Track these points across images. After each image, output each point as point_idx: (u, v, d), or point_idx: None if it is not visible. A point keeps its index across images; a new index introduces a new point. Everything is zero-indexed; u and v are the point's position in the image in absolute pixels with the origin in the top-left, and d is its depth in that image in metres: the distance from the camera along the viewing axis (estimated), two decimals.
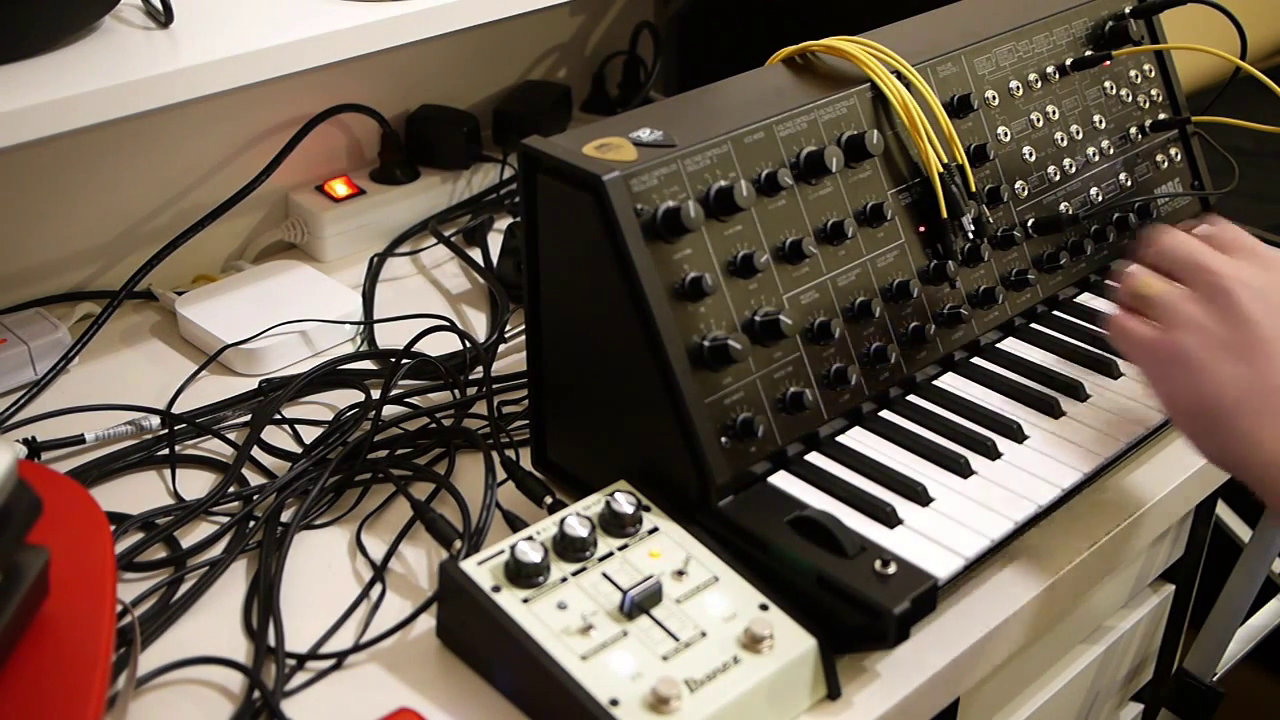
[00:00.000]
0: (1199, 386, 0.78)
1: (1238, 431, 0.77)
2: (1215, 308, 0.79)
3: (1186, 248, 0.83)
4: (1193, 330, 0.79)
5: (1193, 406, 0.79)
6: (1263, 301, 0.79)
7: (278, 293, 1.12)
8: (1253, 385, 0.77)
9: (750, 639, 0.73)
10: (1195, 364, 0.79)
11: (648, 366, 0.80)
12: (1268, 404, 0.76)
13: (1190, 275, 0.82)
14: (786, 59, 0.97)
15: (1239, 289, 0.79)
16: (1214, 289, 0.80)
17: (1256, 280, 0.80)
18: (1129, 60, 1.12)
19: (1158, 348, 0.81)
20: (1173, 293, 0.82)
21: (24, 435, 0.96)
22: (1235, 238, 0.85)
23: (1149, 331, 0.82)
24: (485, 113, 1.37)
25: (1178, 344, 0.80)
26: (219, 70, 0.96)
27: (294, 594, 0.83)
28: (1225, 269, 0.80)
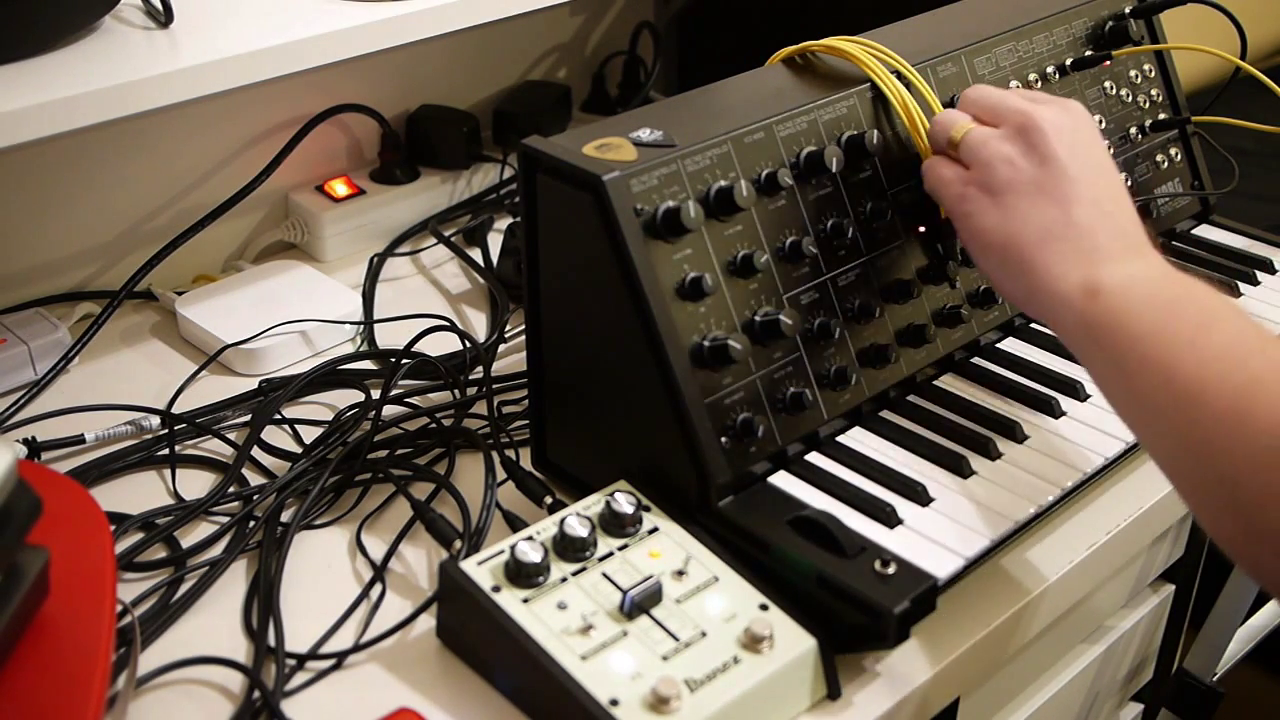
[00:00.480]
0: (1005, 222, 0.81)
1: (1037, 266, 0.79)
2: (1024, 145, 0.82)
3: (996, 93, 0.87)
4: (1001, 166, 0.82)
5: (997, 240, 0.81)
6: (1069, 141, 0.82)
7: (278, 293, 1.12)
8: (1056, 221, 0.79)
9: (750, 639, 0.73)
10: (1002, 200, 0.81)
11: (648, 366, 0.80)
12: (1068, 240, 0.79)
13: (1000, 115, 0.85)
14: (786, 59, 0.97)
15: (1048, 127, 0.82)
16: (1023, 127, 0.82)
17: (1062, 121, 0.83)
18: (1129, 60, 1.12)
19: (967, 183, 0.84)
20: (982, 130, 0.85)
21: (24, 435, 0.96)
22: (1036, 94, 0.89)
23: (959, 170, 0.85)
24: (485, 113, 1.37)
25: (987, 180, 0.82)
26: (219, 70, 0.96)
27: (294, 594, 0.83)
28: (1033, 109, 0.83)
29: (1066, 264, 0.78)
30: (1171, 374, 0.71)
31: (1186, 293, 0.75)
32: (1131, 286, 0.76)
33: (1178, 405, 0.71)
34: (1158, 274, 0.77)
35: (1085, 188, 0.80)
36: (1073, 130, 0.83)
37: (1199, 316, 0.73)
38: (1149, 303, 0.75)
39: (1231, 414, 0.69)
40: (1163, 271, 0.77)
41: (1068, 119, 0.83)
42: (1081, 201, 0.80)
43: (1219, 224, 1.17)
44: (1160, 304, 0.74)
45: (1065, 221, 0.79)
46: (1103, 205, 0.80)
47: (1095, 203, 0.80)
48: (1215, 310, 0.74)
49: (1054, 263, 0.78)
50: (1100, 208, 0.80)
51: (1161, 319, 0.73)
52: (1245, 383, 0.69)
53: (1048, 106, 0.84)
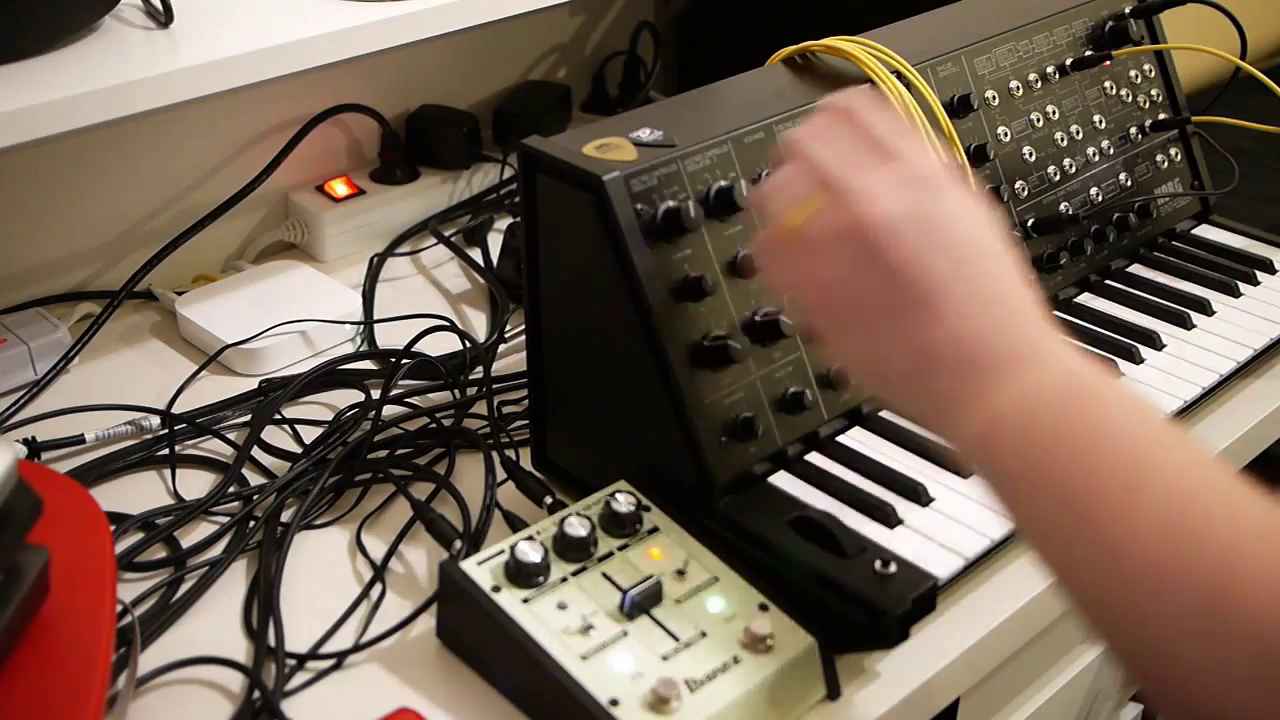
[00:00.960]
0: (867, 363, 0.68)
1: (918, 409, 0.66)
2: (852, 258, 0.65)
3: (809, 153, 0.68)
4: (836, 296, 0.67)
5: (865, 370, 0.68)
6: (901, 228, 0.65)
7: (278, 293, 1.12)
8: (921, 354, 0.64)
9: (750, 639, 0.73)
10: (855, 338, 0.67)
11: (648, 366, 0.80)
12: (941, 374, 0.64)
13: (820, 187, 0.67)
14: (786, 59, 0.97)
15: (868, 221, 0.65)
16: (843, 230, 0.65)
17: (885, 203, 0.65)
18: (1129, 60, 1.12)
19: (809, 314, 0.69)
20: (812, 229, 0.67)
21: (24, 435, 0.96)
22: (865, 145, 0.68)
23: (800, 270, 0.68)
24: (485, 113, 1.37)
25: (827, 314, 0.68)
26: (219, 70, 0.96)
27: (294, 594, 0.83)
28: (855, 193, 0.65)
29: (950, 401, 0.64)
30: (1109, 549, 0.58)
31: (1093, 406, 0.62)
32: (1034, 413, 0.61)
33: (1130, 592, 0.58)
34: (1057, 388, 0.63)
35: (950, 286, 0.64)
36: (905, 207, 0.65)
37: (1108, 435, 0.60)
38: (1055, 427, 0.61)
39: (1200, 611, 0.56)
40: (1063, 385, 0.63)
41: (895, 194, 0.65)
42: (947, 319, 0.63)
43: (1219, 224, 1.17)
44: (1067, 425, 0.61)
45: (933, 352, 0.64)
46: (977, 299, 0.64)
47: (967, 300, 0.64)
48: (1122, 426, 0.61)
49: (933, 399, 0.64)
50: (975, 304, 0.64)
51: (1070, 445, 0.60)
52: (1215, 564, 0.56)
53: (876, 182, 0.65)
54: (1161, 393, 0.95)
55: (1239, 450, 0.97)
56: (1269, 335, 1.02)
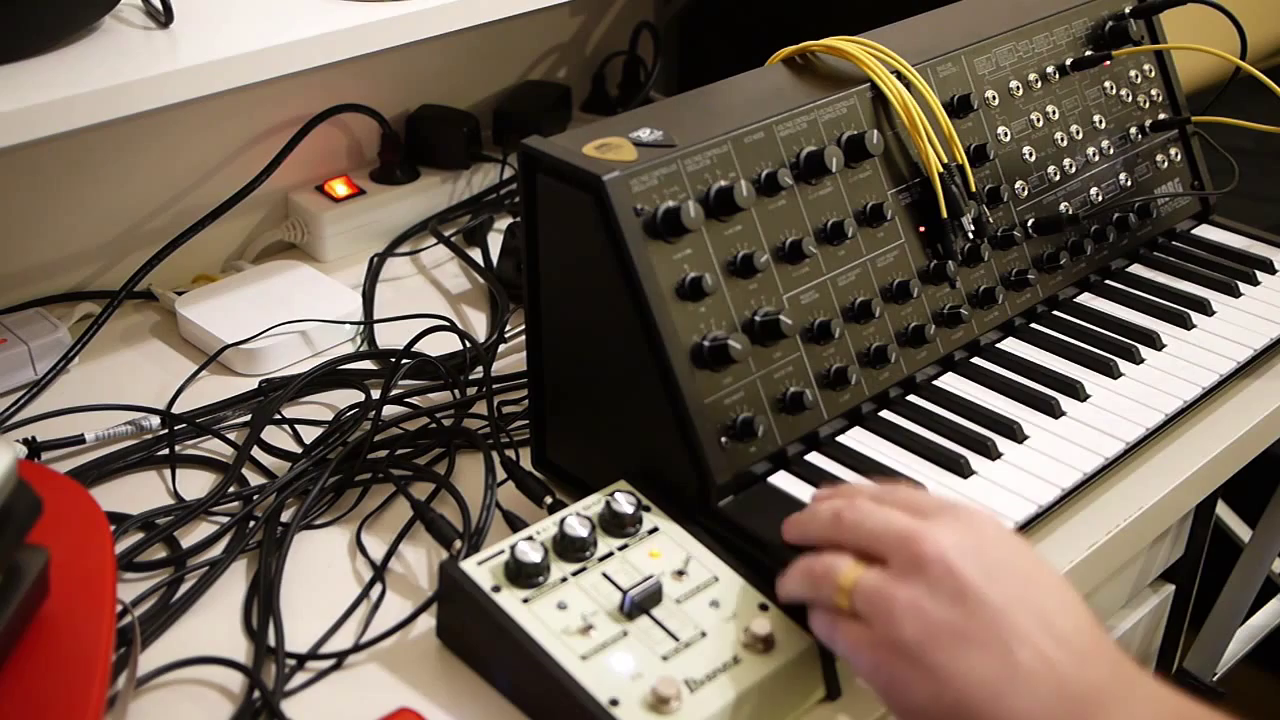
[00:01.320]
0: (939, 690, 0.63)
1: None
2: (927, 589, 0.65)
3: (872, 517, 0.69)
4: (908, 621, 0.65)
5: (940, 713, 0.64)
6: (979, 566, 0.65)
7: (278, 293, 1.12)
8: (1000, 673, 0.62)
9: (750, 639, 0.73)
10: (924, 661, 0.64)
11: (648, 366, 0.80)
12: (1026, 692, 0.62)
13: (882, 547, 0.68)
14: (786, 59, 0.97)
15: (947, 553, 0.65)
16: (916, 561, 0.66)
17: (961, 538, 0.66)
18: (1129, 60, 1.12)
19: (876, 647, 0.66)
20: (871, 577, 0.67)
21: (24, 435, 0.96)
22: (915, 497, 0.71)
23: (862, 630, 0.67)
24: (485, 113, 1.37)
25: (896, 639, 0.65)
26: (219, 70, 0.96)
27: (294, 594, 0.83)
28: (921, 532, 0.66)
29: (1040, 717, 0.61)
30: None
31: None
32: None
33: None
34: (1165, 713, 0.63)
35: (1021, 614, 0.63)
36: (977, 546, 0.66)
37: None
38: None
39: None
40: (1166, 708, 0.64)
41: (967, 533, 0.66)
42: (1022, 635, 0.63)
43: (1219, 224, 1.17)
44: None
45: (1012, 669, 0.62)
46: (1054, 628, 0.63)
47: (1043, 629, 0.63)
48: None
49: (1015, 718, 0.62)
50: (1052, 634, 0.63)
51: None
52: None
53: (938, 524, 0.67)
54: (1162, 393, 0.95)
55: (1239, 450, 0.97)
56: (1269, 335, 1.02)
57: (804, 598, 0.72)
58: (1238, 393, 1.00)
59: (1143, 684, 0.64)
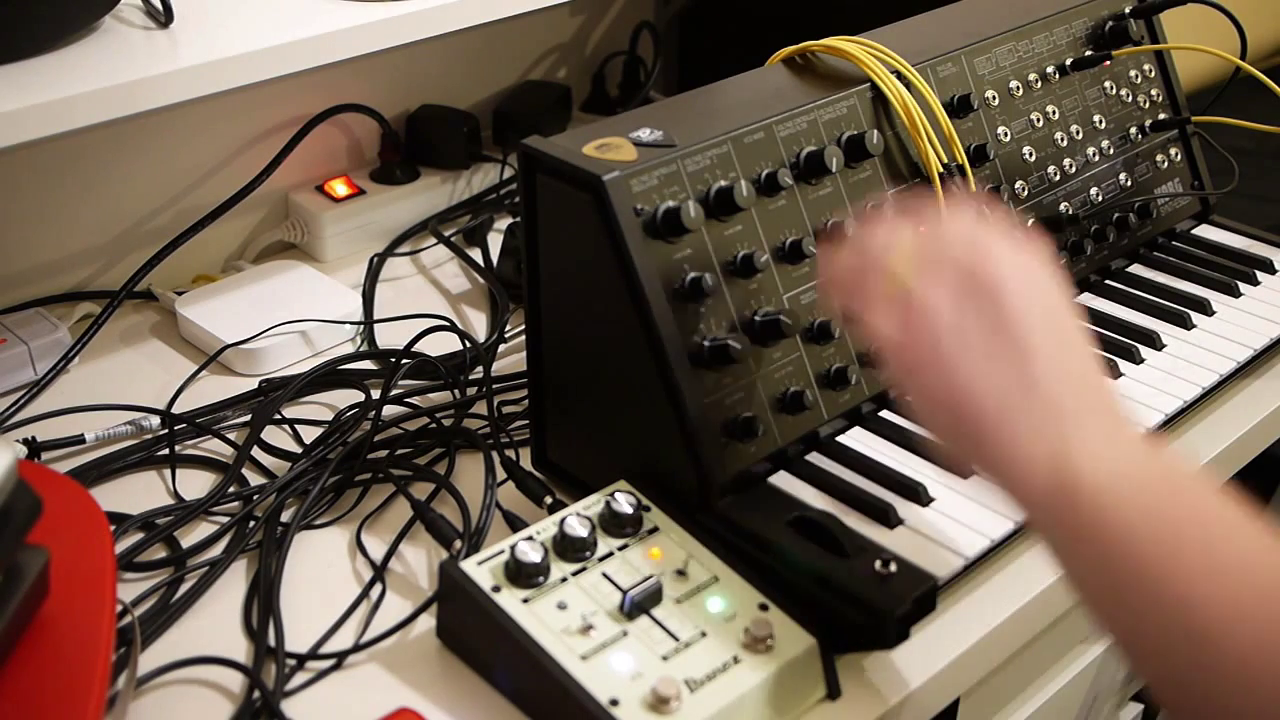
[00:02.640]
0: (953, 383, 0.68)
1: (996, 439, 0.67)
2: (976, 304, 0.69)
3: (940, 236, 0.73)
4: (947, 317, 0.69)
5: (946, 403, 0.69)
6: (1025, 292, 0.69)
7: (278, 293, 1.12)
8: (1014, 387, 0.67)
9: (750, 639, 0.73)
10: (948, 356, 0.69)
11: (648, 366, 0.80)
12: (1031, 412, 0.66)
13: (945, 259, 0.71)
14: (786, 59, 0.97)
15: (1001, 281, 0.69)
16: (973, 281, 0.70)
17: (1017, 268, 0.70)
18: (1129, 60, 1.12)
19: (910, 340, 0.71)
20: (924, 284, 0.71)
21: (24, 435, 0.96)
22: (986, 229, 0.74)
23: (899, 319, 0.71)
24: (485, 113, 1.37)
25: (935, 339, 0.69)
26: (219, 70, 0.96)
27: (294, 594, 0.83)
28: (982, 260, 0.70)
29: (1032, 441, 0.66)
30: (1185, 602, 0.60)
31: (1182, 489, 0.64)
32: (1115, 468, 0.64)
33: (1191, 639, 0.60)
34: (1143, 460, 0.65)
35: (1048, 348, 0.68)
36: (1027, 279, 0.70)
37: (1203, 523, 0.63)
38: (1141, 501, 0.63)
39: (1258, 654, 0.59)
40: (1147, 456, 0.65)
41: (1022, 267, 0.71)
42: (1044, 363, 0.67)
43: (1219, 224, 1.17)
44: (1155, 502, 0.63)
45: (1026, 387, 0.67)
46: (1069, 369, 0.68)
47: (1060, 365, 0.68)
48: (1218, 514, 0.63)
49: (1016, 438, 0.66)
50: (1066, 371, 0.68)
51: (1160, 526, 0.62)
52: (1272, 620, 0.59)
53: (998, 255, 0.71)
54: (1162, 393, 0.95)
55: (1239, 450, 0.97)
56: (1269, 335, 1.02)
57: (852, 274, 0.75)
58: (1238, 393, 1.00)
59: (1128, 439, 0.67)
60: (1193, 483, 0.65)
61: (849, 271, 0.75)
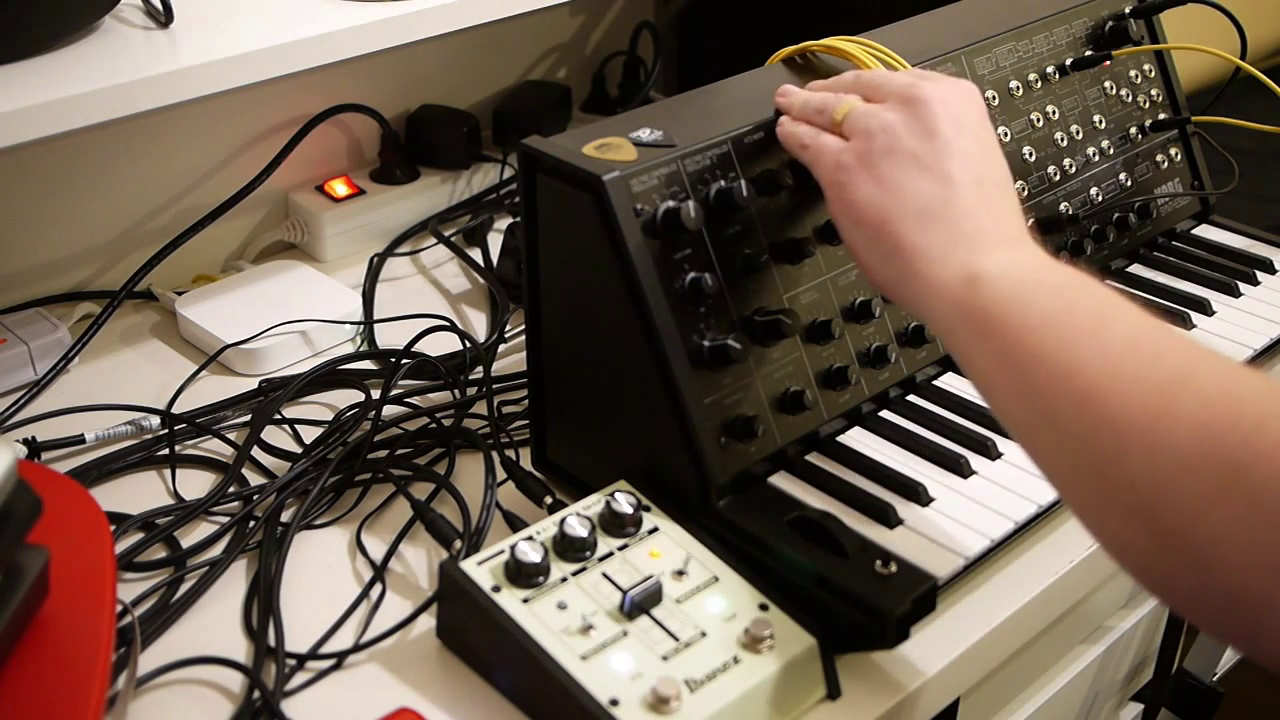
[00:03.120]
0: (880, 195, 0.75)
1: (912, 246, 0.73)
2: (908, 116, 0.77)
3: (883, 72, 0.84)
4: (881, 136, 0.76)
5: (870, 215, 0.75)
6: (955, 118, 0.77)
7: (278, 293, 1.12)
8: (934, 200, 0.74)
9: (750, 639, 0.73)
10: (879, 171, 0.76)
11: (648, 366, 0.80)
12: (946, 221, 0.73)
13: (886, 91, 0.79)
14: (786, 59, 0.97)
15: (934, 101, 0.77)
16: (909, 100, 0.77)
17: (950, 96, 0.78)
18: (1129, 60, 1.12)
19: (843, 152, 0.78)
20: (866, 105, 0.79)
21: (24, 435, 0.96)
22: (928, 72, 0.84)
23: (838, 140, 0.79)
24: (485, 113, 1.37)
25: (865, 150, 0.77)
26: (219, 70, 0.96)
27: (294, 594, 0.83)
28: (921, 83, 0.78)
29: (945, 247, 0.72)
30: (1072, 370, 0.65)
31: (1077, 282, 0.70)
32: (1019, 274, 0.70)
33: (1083, 404, 0.65)
34: (1043, 263, 0.72)
35: (969, 168, 0.75)
36: (961, 107, 0.77)
37: (1095, 307, 0.68)
38: (1039, 291, 0.69)
39: (1147, 414, 0.62)
40: (1048, 262, 0.72)
41: (956, 95, 0.78)
42: (964, 182, 0.74)
43: (1219, 224, 1.17)
44: (1051, 293, 0.69)
45: (944, 201, 0.74)
46: (986, 189, 0.75)
47: (978, 185, 0.75)
48: (1110, 301, 0.69)
49: (931, 244, 0.73)
50: (983, 191, 0.75)
51: (1056, 309, 0.68)
52: (1162, 380, 0.63)
53: (936, 83, 0.79)
54: None
55: None
56: (1269, 335, 1.02)
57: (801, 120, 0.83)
58: None
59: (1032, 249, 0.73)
60: (1086, 282, 0.70)
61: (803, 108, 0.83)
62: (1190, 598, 0.63)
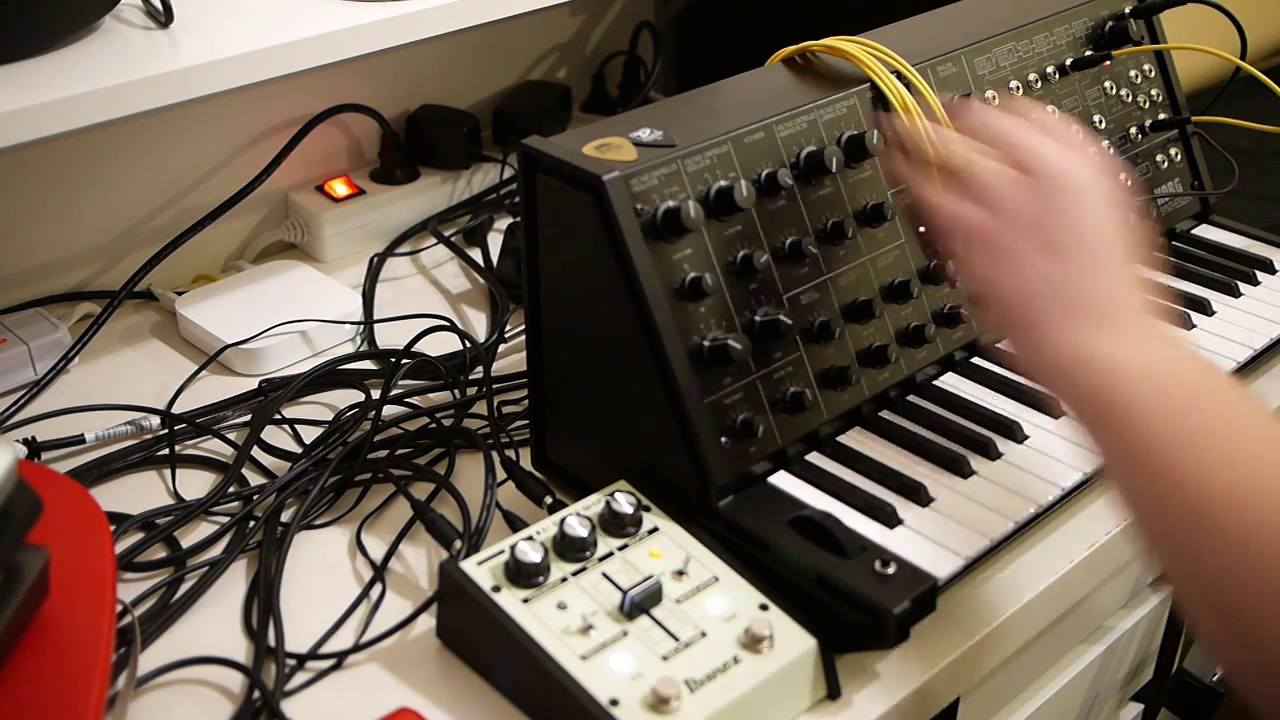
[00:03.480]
0: (1011, 276, 0.76)
1: (1040, 328, 0.74)
2: (1034, 191, 0.76)
3: (1005, 122, 0.80)
4: (1011, 214, 0.76)
5: (1002, 295, 0.76)
6: (1081, 192, 0.76)
7: (278, 293, 1.12)
8: (1061, 281, 0.74)
9: (750, 639, 0.73)
10: (1008, 250, 0.76)
11: (648, 366, 0.80)
12: (1073, 306, 0.73)
13: (1009, 149, 0.79)
14: (786, 59, 0.97)
15: (1062, 175, 0.76)
16: (1037, 171, 0.77)
17: (1078, 169, 0.77)
18: (1129, 60, 1.12)
19: (978, 232, 0.77)
20: (993, 168, 0.78)
21: (24, 435, 0.96)
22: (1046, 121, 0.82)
23: (972, 212, 0.78)
24: (485, 113, 1.37)
25: (996, 225, 0.76)
26: (219, 70, 0.96)
27: (294, 594, 0.83)
28: (1048, 152, 0.77)
29: (1072, 330, 0.73)
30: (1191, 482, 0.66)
31: (1206, 385, 0.71)
32: (1148, 370, 0.70)
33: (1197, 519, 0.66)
34: (1171, 356, 0.72)
35: (1096, 248, 0.75)
36: (1089, 181, 0.77)
37: (1223, 418, 0.69)
38: (1165, 392, 0.69)
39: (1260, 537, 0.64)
40: (1176, 354, 0.72)
41: (1084, 168, 0.77)
42: (1091, 262, 0.74)
43: (1219, 224, 1.17)
44: (1178, 395, 0.69)
45: (1070, 283, 0.74)
46: (1113, 269, 0.75)
47: (1105, 265, 0.75)
48: (1238, 410, 0.70)
49: (1057, 327, 0.73)
50: (1110, 271, 0.75)
51: (1180, 416, 0.68)
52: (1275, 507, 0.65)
53: (1061, 150, 0.78)
54: None
55: None
56: (1269, 335, 1.02)
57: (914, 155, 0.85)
58: None
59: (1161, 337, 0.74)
60: (1214, 380, 0.71)
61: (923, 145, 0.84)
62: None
